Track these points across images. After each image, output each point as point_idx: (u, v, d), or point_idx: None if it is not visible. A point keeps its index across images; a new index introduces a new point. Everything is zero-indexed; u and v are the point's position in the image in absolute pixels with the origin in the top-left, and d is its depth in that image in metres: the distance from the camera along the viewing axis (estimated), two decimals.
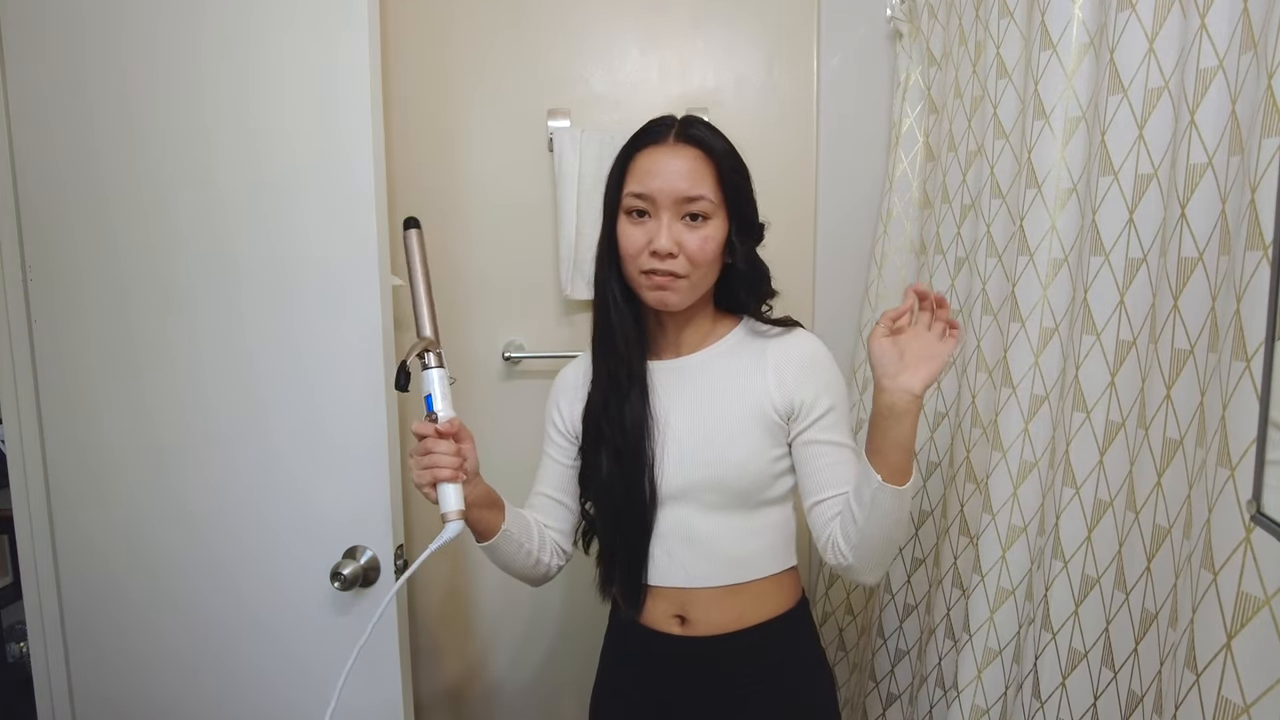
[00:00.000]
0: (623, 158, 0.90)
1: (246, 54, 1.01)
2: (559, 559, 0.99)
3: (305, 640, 1.09)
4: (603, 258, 0.93)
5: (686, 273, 0.87)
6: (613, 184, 0.90)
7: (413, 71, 1.36)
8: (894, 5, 1.32)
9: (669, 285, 0.87)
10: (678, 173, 0.86)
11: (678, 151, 0.87)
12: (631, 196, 0.87)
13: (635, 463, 0.91)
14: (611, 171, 0.91)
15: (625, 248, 0.88)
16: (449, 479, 0.80)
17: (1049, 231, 0.95)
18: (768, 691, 0.92)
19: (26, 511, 1.19)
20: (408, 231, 0.87)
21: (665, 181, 0.85)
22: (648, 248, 0.86)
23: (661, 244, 0.85)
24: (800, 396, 0.89)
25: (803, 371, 0.90)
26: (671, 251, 0.85)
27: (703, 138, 0.88)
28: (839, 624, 1.46)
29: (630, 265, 0.89)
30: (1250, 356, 0.62)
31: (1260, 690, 0.61)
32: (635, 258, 0.87)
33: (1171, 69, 0.80)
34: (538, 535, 0.96)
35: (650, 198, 0.86)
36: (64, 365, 1.15)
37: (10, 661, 1.56)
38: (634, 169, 0.88)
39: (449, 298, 1.41)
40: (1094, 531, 0.88)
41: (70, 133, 1.09)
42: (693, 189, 0.85)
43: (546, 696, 1.52)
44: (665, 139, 0.88)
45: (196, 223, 1.05)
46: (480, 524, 0.88)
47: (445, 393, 0.84)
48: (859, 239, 1.41)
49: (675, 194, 0.85)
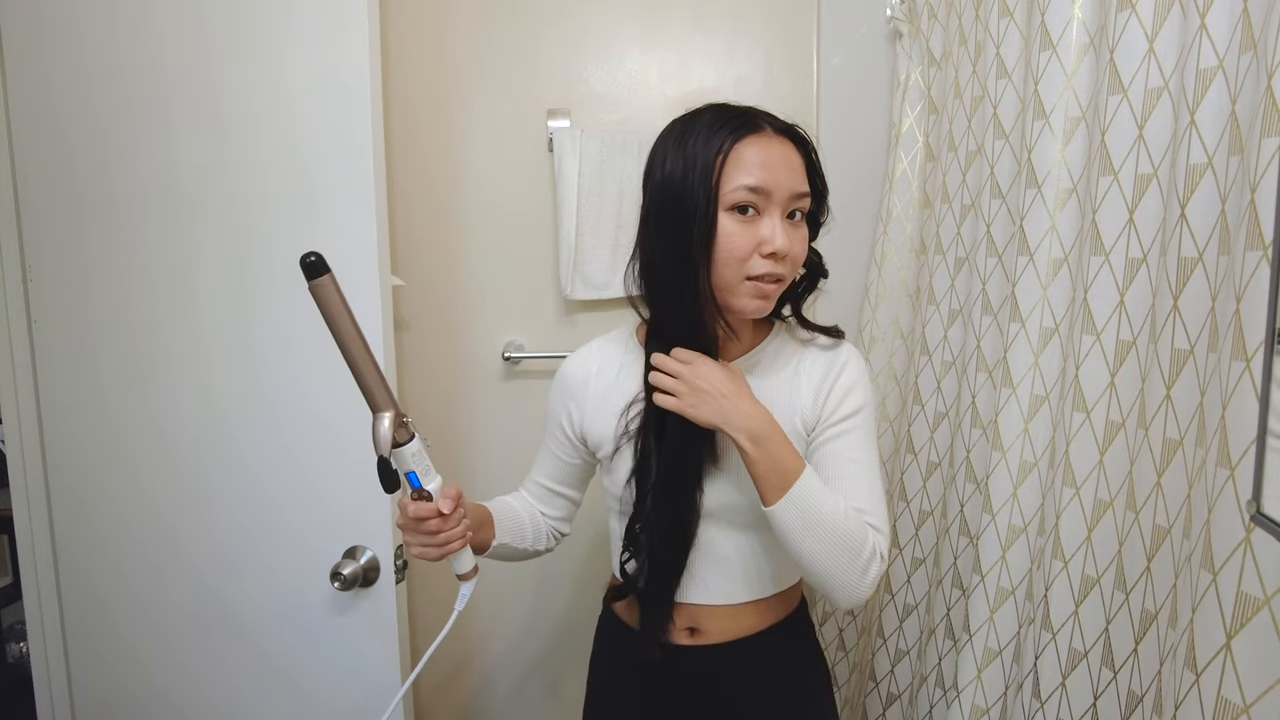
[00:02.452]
0: (714, 148, 0.76)
1: (246, 54, 1.01)
2: (554, 541, 0.99)
3: (305, 640, 1.09)
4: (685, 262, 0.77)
5: (788, 276, 0.80)
6: (701, 179, 0.76)
7: (413, 71, 1.36)
8: (894, 5, 1.32)
9: (774, 293, 0.79)
10: (791, 166, 0.78)
11: (782, 143, 0.79)
12: (744, 190, 0.75)
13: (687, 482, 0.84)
14: (690, 167, 0.77)
15: (731, 250, 0.76)
16: (459, 548, 0.77)
17: (1049, 231, 0.95)
18: (767, 692, 0.92)
19: (26, 511, 1.19)
20: (317, 280, 0.67)
21: (781, 174, 0.77)
22: (757, 249, 0.77)
23: (780, 244, 0.76)
24: (827, 410, 0.84)
25: (840, 387, 0.84)
26: (786, 253, 0.77)
27: (797, 132, 0.81)
28: (839, 624, 1.46)
29: (734, 269, 0.77)
30: (1250, 357, 0.62)
31: (1260, 690, 0.61)
32: (744, 261, 0.77)
33: (1171, 69, 0.80)
34: (532, 530, 0.95)
35: (766, 191, 0.76)
36: (64, 365, 1.15)
37: (10, 661, 1.57)
38: (738, 159, 0.76)
39: (449, 298, 1.41)
40: (1094, 531, 0.88)
41: (70, 133, 1.09)
42: (803, 184, 0.79)
43: (546, 696, 1.52)
44: (763, 128, 0.78)
45: (197, 222, 1.05)
46: (474, 545, 0.84)
47: (428, 464, 0.73)
48: (859, 239, 1.41)
49: (790, 189, 0.77)
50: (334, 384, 1.03)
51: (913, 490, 1.27)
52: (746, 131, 0.77)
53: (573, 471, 0.96)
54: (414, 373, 1.41)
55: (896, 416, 1.36)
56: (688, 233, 0.76)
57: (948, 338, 1.20)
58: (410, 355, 1.41)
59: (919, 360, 1.26)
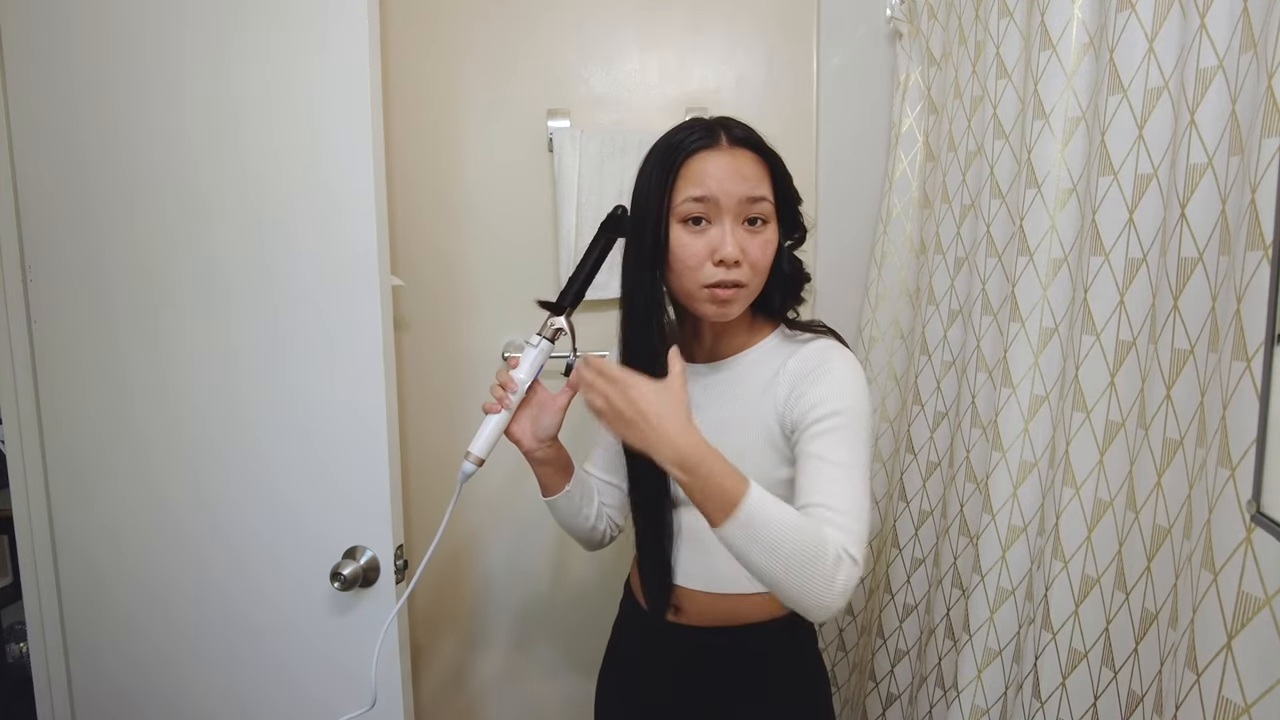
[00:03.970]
0: (667, 164, 0.82)
1: (246, 54, 1.01)
2: (613, 530, 1.05)
3: (305, 640, 1.09)
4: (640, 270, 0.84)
5: (748, 281, 0.82)
6: (655, 193, 0.82)
7: (413, 71, 1.36)
8: (894, 5, 1.32)
9: (733, 298, 0.82)
10: (740, 174, 0.81)
11: (735, 153, 0.82)
12: (691, 201, 0.80)
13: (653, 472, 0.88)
14: (649, 182, 0.83)
15: (684, 259, 0.81)
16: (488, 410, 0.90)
17: (1049, 231, 0.96)
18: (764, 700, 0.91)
19: (26, 511, 1.19)
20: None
21: (729, 183, 0.80)
22: (710, 258, 0.80)
23: (729, 251, 0.79)
24: (802, 407, 0.82)
25: (808, 380, 0.83)
26: (738, 259, 0.80)
27: (755, 140, 0.84)
28: (839, 624, 1.46)
29: (689, 278, 0.82)
30: (1250, 357, 0.62)
31: (1261, 690, 0.61)
32: (696, 270, 0.81)
33: (1171, 69, 0.80)
34: (596, 505, 1.02)
35: (713, 200, 0.80)
36: (64, 365, 1.15)
37: (10, 661, 1.57)
38: (687, 173, 0.81)
39: (449, 298, 1.41)
40: (1094, 531, 0.88)
41: (71, 133, 1.09)
42: (755, 190, 0.81)
43: (546, 696, 1.52)
44: (717, 141, 0.82)
45: (197, 222, 1.05)
46: (546, 478, 0.95)
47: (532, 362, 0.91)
48: (859, 239, 1.41)
49: (739, 196, 0.80)
50: (334, 384, 1.03)
51: (912, 490, 1.27)
52: (700, 146, 0.82)
53: (617, 458, 1.02)
54: (414, 373, 1.41)
55: (896, 416, 1.36)
56: (643, 243, 0.83)
57: (947, 338, 1.21)
58: (410, 355, 1.41)
59: (919, 360, 1.26)
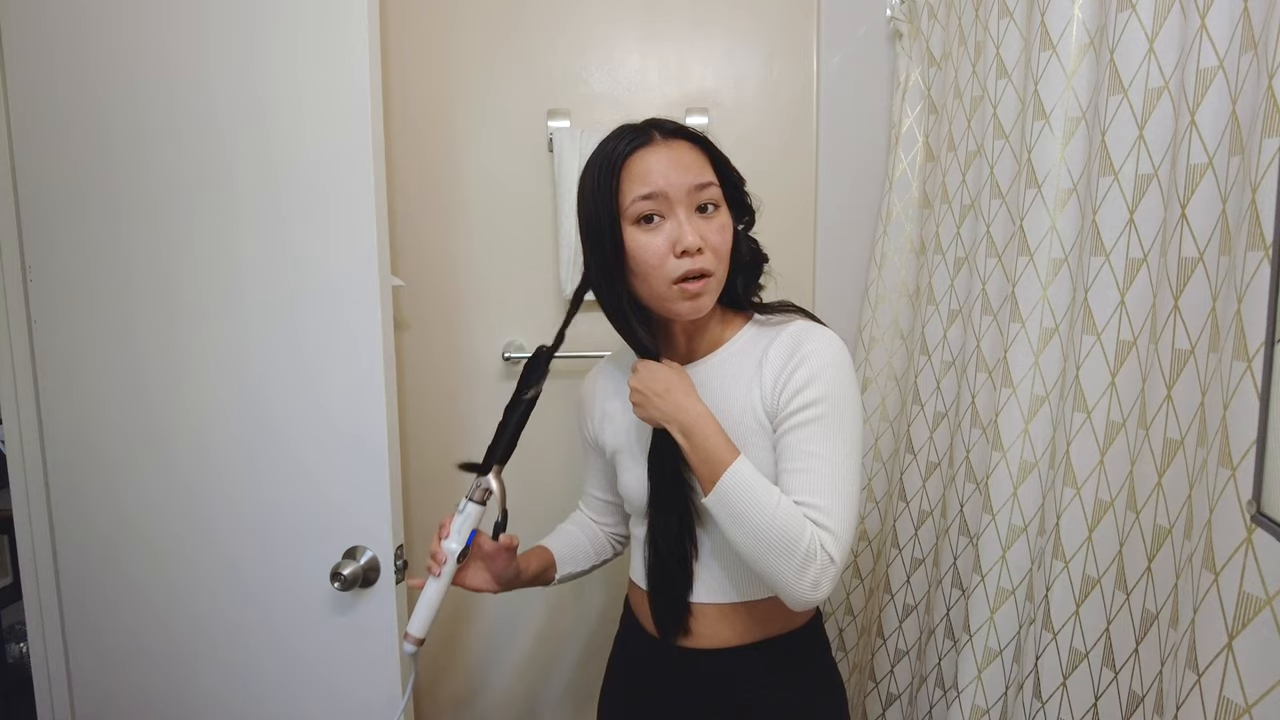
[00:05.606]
0: (608, 168, 0.80)
1: (247, 54, 1.01)
2: (619, 547, 1.07)
3: (305, 640, 1.09)
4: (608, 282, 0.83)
5: (714, 269, 0.80)
6: (602, 200, 0.80)
7: (413, 72, 1.36)
8: (894, 5, 1.32)
9: (703, 290, 0.80)
10: (682, 164, 0.80)
11: (672, 145, 0.81)
12: (640, 200, 0.78)
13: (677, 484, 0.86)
14: (594, 190, 0.81)
15: (646, 260, 0.79)
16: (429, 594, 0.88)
17: (1049, 231, 0.95)
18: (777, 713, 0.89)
19: (26, 511, 1.19)
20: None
21: (673, 175, 0.79)
22: (672, 251, 0.78)
23: (690, 240, 0.77)
24: (783, 400, 0.81)
25: (788, 369, 0.81)
26: (700, 247, 0.78)
27: (687, 130, 0.84)
28: (839, 624, 1.46)
29: (655, 278, 0.80)
30: (1251, 357, 0.62)
31: (1262, 690, 0.61)
32: (660, 267, 0.79)
33: (1171, 69, 0.80)
34: (593, 549, 1.04)
35: (661, 194, 0.78)
36: (64, 365, 1.15)
37: (10, 661, 1.57)
38: (630, 174, 0.80)
39: (449, 298, 1.41)
40: (1094, 531, 0.88)
41: (70, 132, 1.09)
42: (700, 176, 0.80)
43: (546, 696, 1.52)
44: (651, 139, 0.81)
45: (197, 222, 1.05)
46: (536, 583, 0.98)
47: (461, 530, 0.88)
48: (859, 239, 1.41)
49: (686, 185, 0.79)
50: (334, 385, 1.03)
51: (912, 490, 1.27)
52: (635, 146, 0.81)
53: (612, 476, 0.99)
54: (414, 373, 1.41)
55: (896, 416, 1.36)
56: (603, 255, 0.82)
57: (947, 338, 1.20)
58: (410, 355, 1.41)
59: (919, 360, 1.26)
